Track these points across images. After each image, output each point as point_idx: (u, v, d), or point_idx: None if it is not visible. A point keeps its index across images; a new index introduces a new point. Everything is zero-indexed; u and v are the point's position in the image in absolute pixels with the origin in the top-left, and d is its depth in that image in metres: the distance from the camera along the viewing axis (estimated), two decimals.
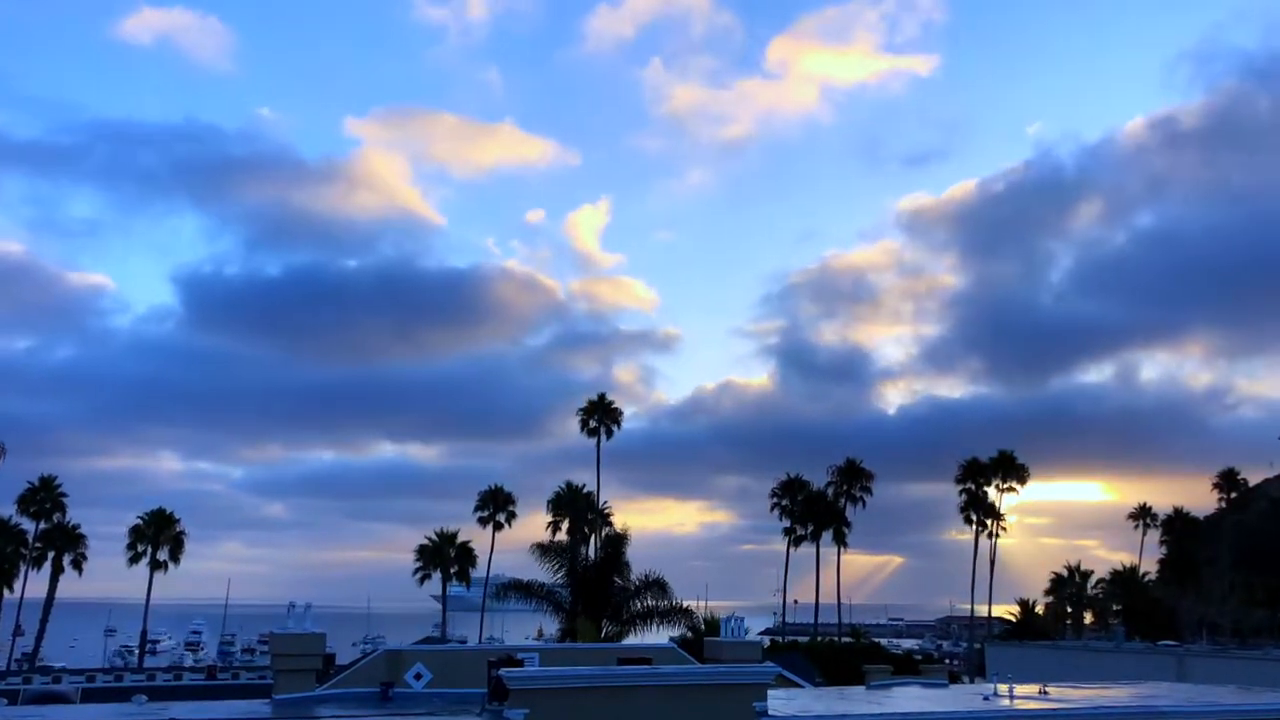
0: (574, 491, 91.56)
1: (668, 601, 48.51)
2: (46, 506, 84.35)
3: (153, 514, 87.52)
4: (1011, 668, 43.66)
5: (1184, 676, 45.02)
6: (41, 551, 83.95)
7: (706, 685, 16.55)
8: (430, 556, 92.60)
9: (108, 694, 52.23)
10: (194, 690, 56.39)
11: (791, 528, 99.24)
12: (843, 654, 68.45)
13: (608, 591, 49.41)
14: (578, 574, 50.61)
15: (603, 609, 48.80)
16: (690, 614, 53.52)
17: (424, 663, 24.97)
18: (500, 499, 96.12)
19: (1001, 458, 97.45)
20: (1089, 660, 57.12)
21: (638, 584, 48.90)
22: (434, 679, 24.46)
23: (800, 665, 44.25)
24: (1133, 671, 41.37)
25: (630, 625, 48.26)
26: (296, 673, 22.71)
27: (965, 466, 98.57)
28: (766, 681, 16.98)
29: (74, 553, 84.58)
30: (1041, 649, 67.32)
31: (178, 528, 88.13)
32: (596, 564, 52.33)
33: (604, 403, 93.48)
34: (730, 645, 25.01)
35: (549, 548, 53.26)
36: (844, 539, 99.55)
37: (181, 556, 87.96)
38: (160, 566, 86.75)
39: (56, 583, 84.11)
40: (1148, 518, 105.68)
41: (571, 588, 50.08)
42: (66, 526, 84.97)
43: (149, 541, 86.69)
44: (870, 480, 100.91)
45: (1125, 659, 54.47)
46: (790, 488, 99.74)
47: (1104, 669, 48.20)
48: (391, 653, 26.23)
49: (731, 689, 16.37)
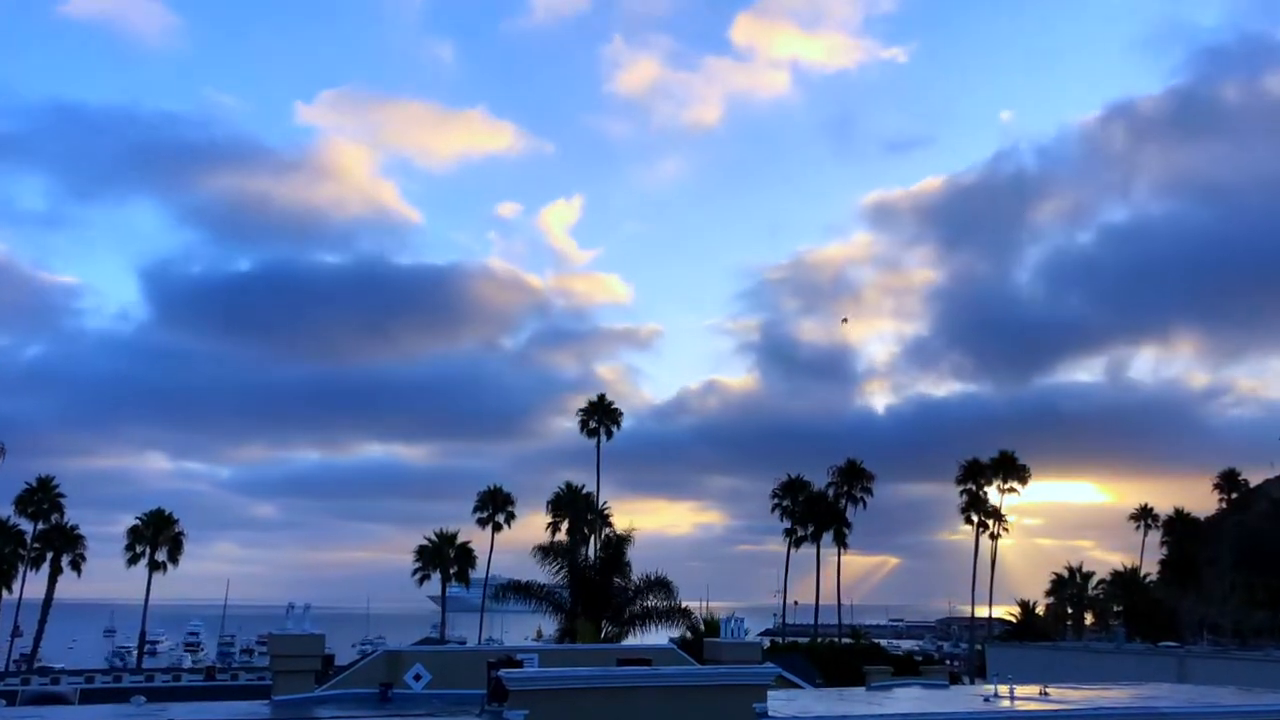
0: (573, 492, 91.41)
1: (670, 602, 48.47)
2: (44, 507, 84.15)
3: (151, 514, 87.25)
4: (1012, 669, 43.36)
5: (1185, 678, 44.91)
6: (40, 552, 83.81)
7: (706, 686, 16.52)
8: (430, 557, 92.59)
9: (106, 695, 52.36)
10: (193, 691, 56.36)
11: (792, 528, 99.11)
12: (843, 655, 68.34)
13: (608, 592, 49.28)
14: (578, 575, 50.46)
15: (602, 610, 48.69)
16: (690, 615, 53.39)
17: (423, 663, 24.91)
18: (499, 499, 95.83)
19: (1002, 458, 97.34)
20: (1089, 661, 56.92)
21: (640, 584, 48.82)
22: (433, 680, 24.42)
23: (800, 666, 44.02)
24: (1133, 673, 41.26)
25: (630, 626, 48.17)
26: (295, 674, 22.72)
27: (966, 467, 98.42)
28: (766, 682, 16.96)
29: (72, 553, 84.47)
30: (1042, 650, 66.97)
31: (176, 528, 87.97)
32: (598, 565, 52.16)
33: (604, 403, 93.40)
34: (730, 646, 24.87)
35: (549, 548, 53.13)
36: (844, 540, 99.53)
37: (180, 557, 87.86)
38: (159, 567, 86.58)
39: (55, 583, 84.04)
40: (1149, 518, 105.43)
41: (571, 588, 49.92)
42: (65, 527, 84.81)
43: (147, 542, 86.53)
44: (870, 481, 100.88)
45: (1126, 660, 54.23)
46: (791, 488, 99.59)
47: (1104, 670, 47.98)
48: (390, 653, 26.17)
49: (731, 690, 16.35)
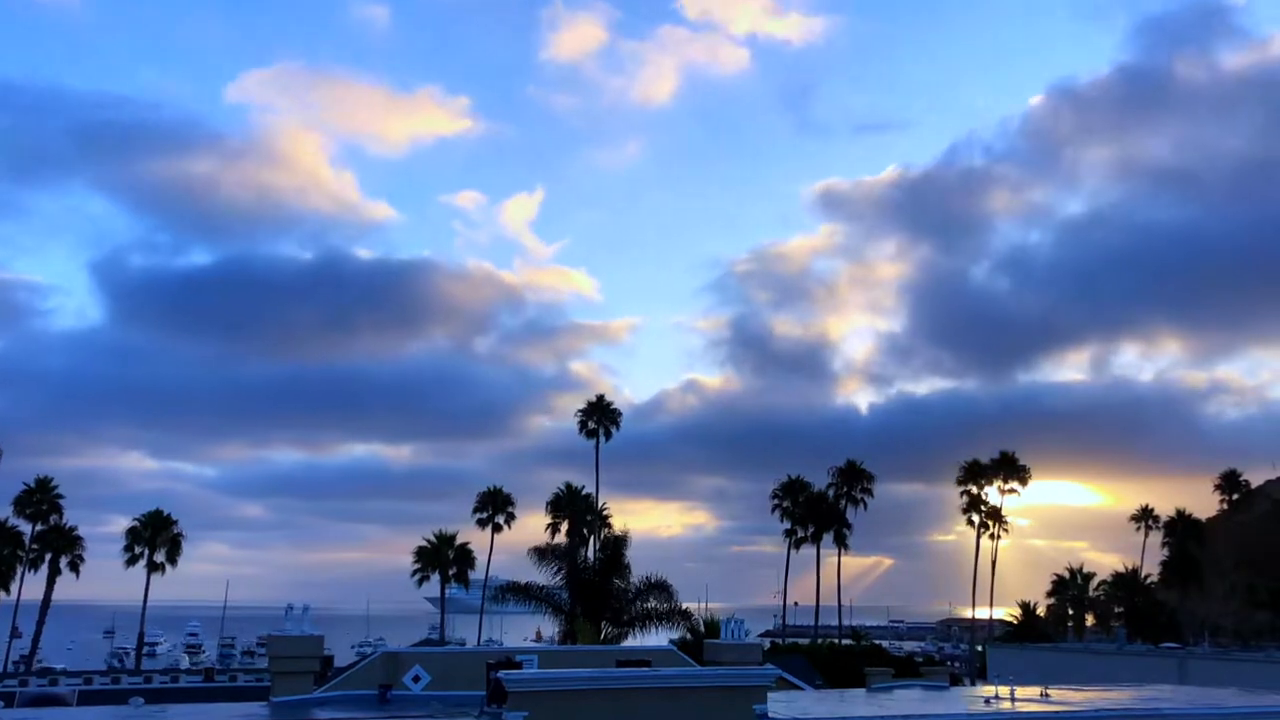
0: (573, 493, 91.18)
1: (670, 604, 48.18)
2: (43, 508, 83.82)
3: (149, 515, 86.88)
4: (1013, 670, 43.17)
5: (1186, 679, 44.29)
6: (39, 553, 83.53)
7: (706, 688, 16.41)
8: (429, 558, 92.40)
9: (105, 696, 52.54)
10: (191, 693, 56.58)
11: (792, 529, 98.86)
12: (844, 656, 68.18)
13: (608, 593, 49.02)
14: (577, 576, 50.18)
15: (602, 611, 48.41)
16: (689, 616, 53.15)
17: (422, 665, 24.88)
18: (499, 500, 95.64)
19: (1003, 458, 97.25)
20: (1090, 663, 56.06)
21: (640, 586, 48.54)
22: (432, 681, 24.39)
23: (801, 668, 44.01)
24: (1134, 674, 41.05)
25: (630, 627, 47.92)
26: (294, 675, 22.74)
27: (966, 467, 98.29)
28: (767, 684, 16.89)
29: (71, 555, 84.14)
30: (1043, 651, 66.44)
31: (175, 529, 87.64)
32: (597, 566, 51.91)
33: (603, 404, 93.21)
34: (730, 648, 24.85)
35: (548, 550, 52.88)
36: (845, 541, 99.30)
37: (179, 558, 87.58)
38: (158, 569, 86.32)
39: (53, 585, 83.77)
40: (1149, 519, 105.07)
41: (571, 590, 49.63)
42: (63, 528, 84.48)
43: (146, 543, 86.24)
44: (871, 482, 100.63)
45: (1127, 661, 53.73)
46: (790, 489, 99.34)
47: (1105, 671, 47.42)
48: (389, 655, 26.12)
49: (731, 691, 16.24)
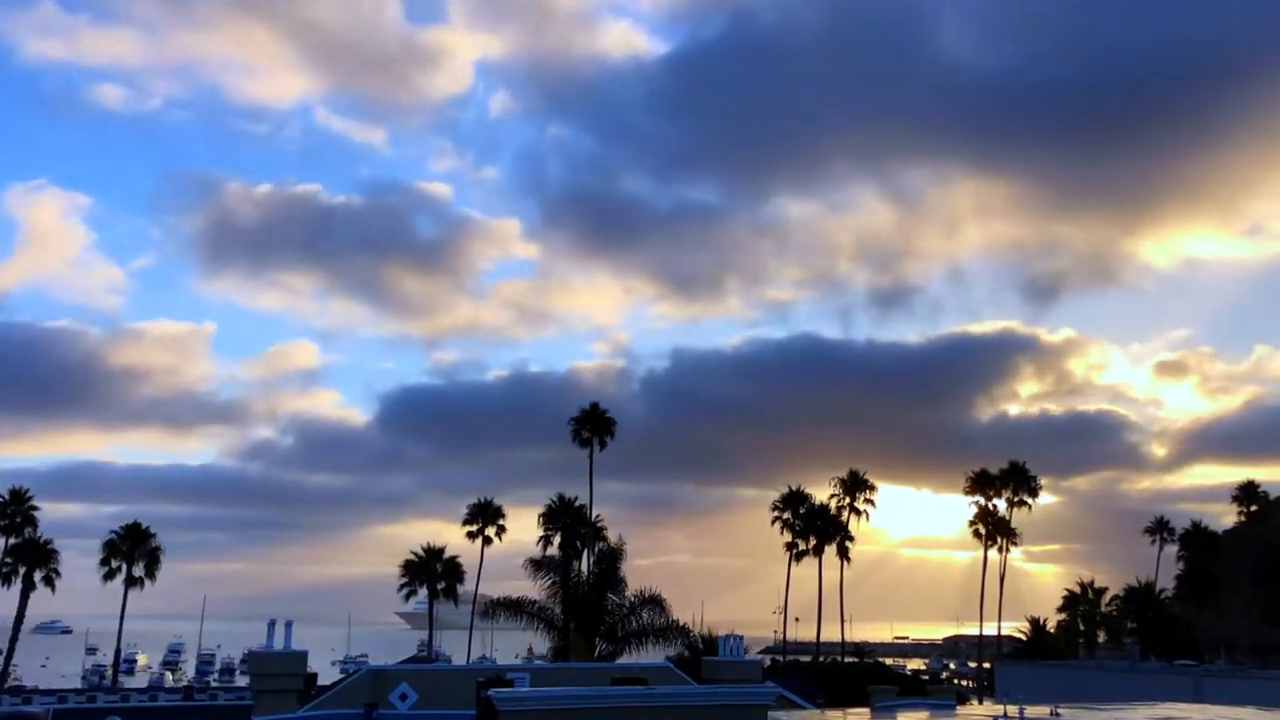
0: (566, 504, 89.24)
1: (664, 619, 46.79)
2: (17, 520, 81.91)
3: (128, 528, 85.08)
4: (1022, 688, 43.00)
5: (1201, 697, 43.88)
6: (12, 567, 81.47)
7: (705, 707, 16.23)
8: (417, 572, 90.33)
9: (81, 715, 52.03)
10: (170, 712, 56.05)
11: (793, 542, 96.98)
12: (846, 674, 67.79)
13: (602, 608, 47.75)
14: (570, 590, 49.06)
15: (596, 627, 47.26)
16: (688, 632, 51.82)
17: (409, 683, 24.45)
18: (490, 512, 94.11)
19: (1012, 469, 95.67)
20: (1103, 680, 56.40)
21: (635, 601, 47.25)
22: (420, 700, 24.06)
23: (802, 685, 43.74)
24: (1148, 692, 40.49)
25: (625, 644, 46.64)
26: (277, 693, 22.60)
27: (974, 478, 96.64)
28: (767, 702, 16.81)
29: (45, 569, 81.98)
30: (1053, 668, 66.36)
31: (153, 543, 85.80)
32: (591, 580, 50.62)
33: (596, 412, 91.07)
34: (729, 665, 24.94)
35: (541, 563, 51.64)
36: (847, 554, 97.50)
37: (157, 572, 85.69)
38: (136, 583, 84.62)
39: (27, 600, 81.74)
40: (1164, 532, 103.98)
41: (563, 605, 48.51)
42: (38, 541, 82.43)
43: (123, 557, 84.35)
44: (874, 491, 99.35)
45: (1140, 679, 53.82)
46: (791, 500, 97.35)
47: (1118, 689, 47.28)
48: (375, 672, 25.70)
49: (731, 710, 16.04)
